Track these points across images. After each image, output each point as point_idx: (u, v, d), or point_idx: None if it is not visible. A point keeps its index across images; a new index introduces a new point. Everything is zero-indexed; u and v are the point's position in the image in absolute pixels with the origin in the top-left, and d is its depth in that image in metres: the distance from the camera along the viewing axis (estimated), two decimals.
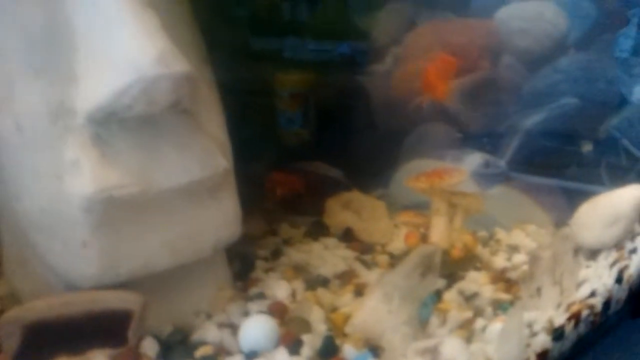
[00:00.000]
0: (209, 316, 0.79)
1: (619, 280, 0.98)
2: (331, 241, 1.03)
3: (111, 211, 0.66)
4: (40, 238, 0.70)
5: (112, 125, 0.67)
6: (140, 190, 0.68)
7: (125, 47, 0.63)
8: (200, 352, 0.71)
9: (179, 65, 0.65)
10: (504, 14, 1.15)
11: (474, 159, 1.16)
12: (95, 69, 0.65)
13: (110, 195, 0.65)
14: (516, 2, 1.16)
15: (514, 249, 1.06)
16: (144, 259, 0.70)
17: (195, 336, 0.75)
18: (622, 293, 1.01)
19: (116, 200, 0.66)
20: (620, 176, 1.17)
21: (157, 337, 0.72)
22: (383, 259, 0.99)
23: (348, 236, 1.04)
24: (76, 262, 0.68)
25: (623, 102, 1.28)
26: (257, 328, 0.72)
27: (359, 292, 0.86)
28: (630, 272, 1.02)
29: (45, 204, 0.67)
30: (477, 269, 0.97)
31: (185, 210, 0.74)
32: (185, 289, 0.78)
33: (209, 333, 0.75)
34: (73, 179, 0.65)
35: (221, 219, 0.78)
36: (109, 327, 0.68)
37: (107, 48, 0.65)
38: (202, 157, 0.74)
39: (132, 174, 0.68)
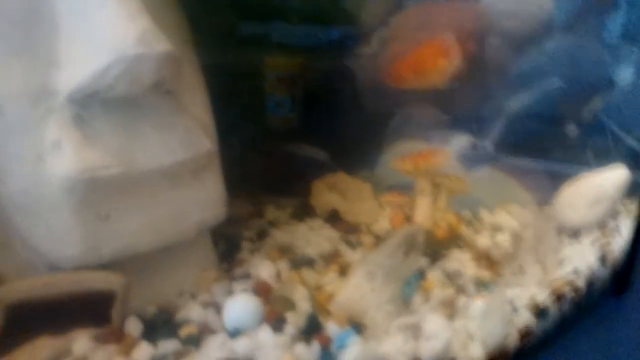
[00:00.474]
0: (193, 296, 0.79)
1: (602, 259, 0.99)
2: (317, 222, 1.04)
3: (93, 192, 0.67)
4: (23, 220, 0.70)
5: (94, 106, 0.67)
6: (122, 171, 0.68)
7: (107, 28, 0.64)
8: (184, 331, 0.72)
9: (161, 45, 0.65)
10: None
11: (460, 141, 1.16)
12: (76, 50, 0.65)
13: (93, 176, 0.66)
14: None
15: (497, 228, 1.07)
16: (127, 240, 0.71)
17: (180, 316, 0.75)
18: (605, 272, 1.02)
19: (98, 181, 0.66)
20: (605, 158, 1.18)
21: (141, 317, 0.73)
22: (368, 239, 0.99)
23: (334, 217, 1.05)
24: (59, 243, 0.68)
25: (610, 85, 1.28)
26: (241, 307, 0.73)
27: (344, 272, 0.87)
28: (613, 251, 1.03)
29: (27, 185, 0.67)
30: (461, 248, 0.98)
31: (168, 192, 0.74)
32: (169, 269, 0.78)
33: (193, 313, 0.75)
34: (55, 161, 0.65)
35: (205, 200, 0.79)
36: (93, 308, 0.68)
37: (89, 29, 0.65)
38: (185, 138, 0.74)
39: (114, 155, 0.68)
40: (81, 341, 0.67)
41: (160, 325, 0.73)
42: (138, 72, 0.64)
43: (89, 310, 0.68)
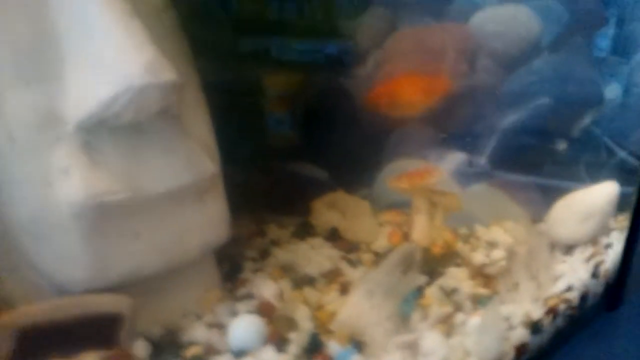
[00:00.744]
0: (198, 317, 0.81)
1: (595, 274, 1.02)
2: (317, 241, 1.05)
3: (101, 217, 0.68)
4: (31, 244, 0.71)
5: (101, 132, 0.69)
6: (129, 196, 0.70)
7: (114, 57, 0.65)
8: (190, 352, 0.73)
9: (167, 74, 0.67)
10: (479, 18, 1.18)
11: (455, 158, 1.19)
12: (84, 79, 0.67)
13: (100, 201, 0.67)
14: (491, 7, 1.19)
15: (492, 245, 1.09)
16: (134, 263, 0.72)
17: (185, 337, 0.77)
18: (598, 287, 1.04)
19: (106, 206, 0.68)
20: (597, 172, 1.20)
21: (147, 339, 0.74)
22: (368, 257, 1.01)
23: (334, 236, 1.07)
24: (67, 267, 0.70)
25: (600, 100, 1.31)
26: (245, 327, 0.74)
27: (344, 290, 0.89)
28: (606, 266, 1.05)
29: (36, 210, 0.69)
30: (457, 265, 1.00)
31: (173, 214, 0.76)
32: (174, 290, 0.80)
33: (198, 333, 0.77)
34: (63, 186, 0.67)
35: (209, 222, 0.80)
36: (100, 330, 0.70)
37: (96, 58, 0.66)
38: (189, 161, 0.76)
39: (121, 180, 0.70)
40: None
41: (166, 346, 0.74)
42: (144, 100, 0.66)
43: (97, 333, 0.69)
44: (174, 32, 0.82)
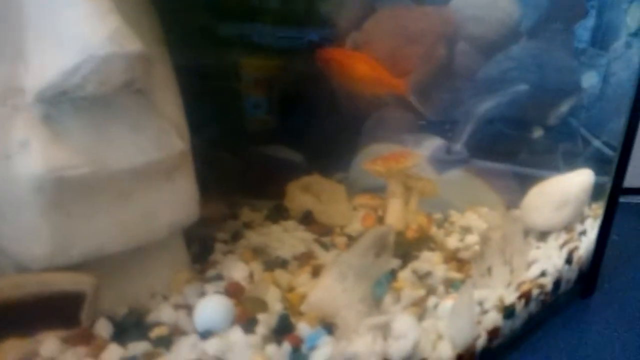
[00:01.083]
0: (165, 297, 0.79)
1: (568, 261, 1.02)
2: (291, 224, 1.04)
3: (62, 192, 0.66)
4: None
5: (63, 105, 0.67)
6: (91, 171, 0.68)
7: (77, 26, 0.63)
8: (154, 332, 0.71)
9: (132, 44, 0.65)
10: (459, 2, 1.17)
11: (432, 144, 1.18)
12: (45, 48, 0.64)
13: (61, 176, 0.65)
14: None
15: (466, 230, 1.09)
16: (97, 241, 0.70)
17: (151, 317, 0.75)
18: (571, 273, 1.05)
19: (67, 180, 0.65)
20: (573, 161, 1.21)
21: (111, 319, 0.72)
22: (341, 240, 1.00)
23: (308, 219, 1.05)
24: (26, 243, 0.67)
25: (577, 89, 1.32)
26: (211, 307, 0.72)
27: (317, 272, 0.88)
28: (580, 253, 1.06)
29: None
30: (431, 249, 0.99)
31: (139, 192, 0.73)
32: (141, 270, 0.78)
33: (165, 314, 0.75)
34: (22, 160, 0.64)
35: (177, 200, 0.78)
36: (61, 309, 0.67)
37: (58, 27, 0.64)
38: (156, 138, 0.74)
39: (83, 155, 0.67)
40: (49, 343, 0.66)
41: (130, 327, 0.72)
42: (108, 71, 0.64)
43: (58, 312, 0.67)
44: (142, 7, 0.80)
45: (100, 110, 0.69)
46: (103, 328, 0.70)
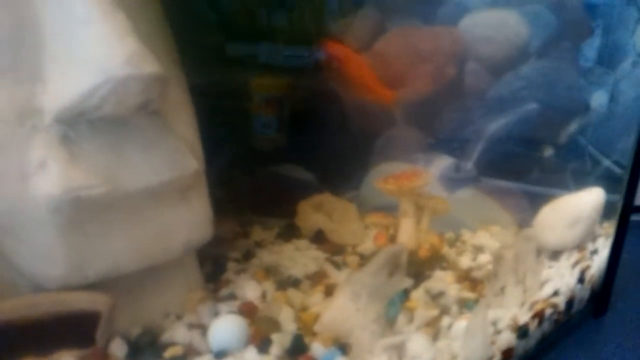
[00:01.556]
0: (179, 317, 0.79)
1: (580, 280, 1.01)
2: (303, 243, 1.04)
3: (78, 212, 0.66)
4: (6, 239, 0.69)
5: (80, 125, 0.67)
6: (108, 191, 0.68)
7: (95, 48, 0.64)
8: (169, 352, 0.71)
9: (149, 66, 0.65)
10: (468, 22, 1.18)
11: (443, 163, 1.19)
12: (63, 70, 0.65)
13: (78, 196, 0.65)
14: (481, 11, 1.20)
15: (478, 249, 1.09)
16: (112, 260, 0.70)
17: (165, 337, 0.75)
18: (584, 293, 1.04)
19: (83, 201, 0.66)
20: (583, 180, 1.21)
21: (125, 338, 0.72)
22: (353, 259, 1.00)
23: (319, 238, 1.06)
24: (43, 263, 0.68)
25: (586, 108, 1.32)
26: (226, 327, 0.72)
27: (329, 292, 0.88)
28: (592, 272, 1.05)
29: (11, 204, 0.66)
30: (444, 268, 0.99)
31: (154, 211, 0.74)
32: (155, 290, 0.78)
33: (179, 334, 0.75)
34: (40, 180, 0.65)
35: (191, 220, 0.79)
36: (77, 329, 0.68)
37: (76, 48, 0.65)
38: (171, 158, 0.75)
39: (100, 175, 0.68)
40: None
41: (144, 346, 0.72)
42: (125, 92, 0.65)
43: (73, 331, 0.67)
44: (159, 28, 0.81)
45: (116, 130, 0.70)
46: (118, 347, 0.70)
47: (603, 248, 1.11)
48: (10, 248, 0.69)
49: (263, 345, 0.72)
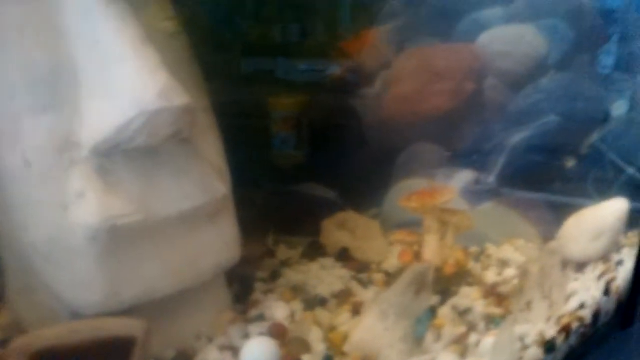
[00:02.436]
0: (210, 339, 0.81)
1: (606, 292, 1.01)
2: (328, 261, 1.05)
3: (115, 240, 0.69)
4: (46, 267, 0.72)
5: (115, 156, 0.70)
6: (142, 219, 0.70)
7: (128, 83, 0.66)
8: None
9: (180, 98, 0.68)
10: (486, 38, 1.19)
11: (464, 176, 1.19)
12: (99, 105, 0.68)
13: (115, 224, 0.68)
14: (498, 27, 1.21)
15: (504, 263, 1.09)
16: (146, 286, 0.73)
17: (198, 359, 0.76)
18: (610, 305, 1.04)
19: (120, 229, 0.68)
20: (606, 189, 1.20)
21: None
22: (379, 277, 1.01)
23: (344, 256, 1.06)
24: (81, 290, 0.70)
25: (606, 117, 1.32)
26: (258, 350, 0.74)
27: (356, 310, 0.89)
28: (618, 284, 1.05)
29: (51, 234, 0.69)
30: (470, 284, 0.99)
31: (185, 236, 0.76)
32: (186, 313, 0.80)
33: (211, 356, 0.77)
34: (78, 210, 0.67)
35: (221, 243, 0.81)
36: (114, 354, 0.69)
37: (111, 84, 0.67)
38: (201, 183, 0.77)
39: (134, 203, 0.70)
40: None
41: None
42: (157, 124, 0.67)
43: (112, 356, 0.69)
44: (186, 57, 0.84)
45: (149, 159, 0.72)
46: None
47: (628, 258, 1.10)
48: (50, 275, 0.72)
49: None
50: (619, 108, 1.36)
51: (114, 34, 0.67)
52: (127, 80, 0.67)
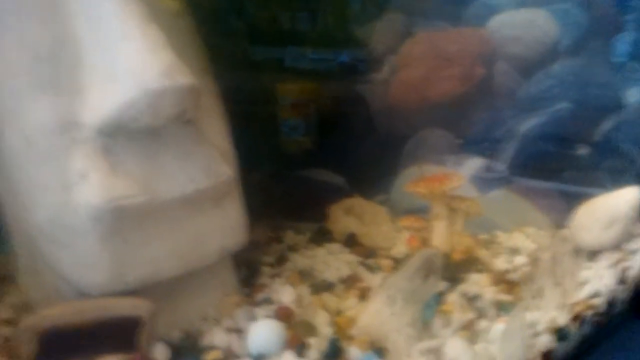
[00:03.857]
0: (216, 321, 0.80)
1: (622, 280, 0.99)
2: (335, 246, 1.05)
3: (119, 220, 0.68)
4: (50, 248, 0.72)
5: (118, 136, 0.69)
6: (146, 200, 0.70)
7: (131, 62, 0.66)
8: (209, 356, 0.72)
9: (183, 78, 0.67)
10: (496, 23, 1.18)
11: (474, 163, 1.18)
12: (101, 83, 0.67)
13: (118, 205, 0.67)
14: (508, 11, 1.19)
15: (514, 251, 1.07)
16: (152, 267, 0.72)
17: (204, 341, 0.76)
18: (625, 294, 1.02)
19: (123, 209, 0.68)
20: (619, 177, 1.18)
21: (167, 343, 0.74)
22: (386, 263, 1.00)
23: (351, 241, 1.06)
24: (86, 270, 0.70)
25: (619, 105, 1.30)
26: (264, 332, 0.73)
27: (363, 295, 0.88)
28: (633, 272, 1.03)
29: (54, 214, 0.69)
30: (479, 271, 0.98)
31: (190, 218, 0.75)
32: (192, 295, 0.80)
33: (217, 338, 0.76)
34: (81, 190, 0.67)
35: (226, 226, 0.80)
36: (120, 334, 0.69)
37: (113, 63, 0.67)
38: (206, 166, 0.76)
39: (138, 184, 0.70)
40: None
41: (185, 351, 0.73)
42: (161, 104, 0.66)
43: (117, 336, 0.69)
44: (189, 38, 0.83)
45: (152, 140, 0.72)
46: (160, 352, 0.72)
47: None
48: (54, 255, 0.72)
49: (300, 349, 0.73)
50: (632, 96, 1.33)
51: (117, 12, 0.66)
52: (130, 59, 0.66)
